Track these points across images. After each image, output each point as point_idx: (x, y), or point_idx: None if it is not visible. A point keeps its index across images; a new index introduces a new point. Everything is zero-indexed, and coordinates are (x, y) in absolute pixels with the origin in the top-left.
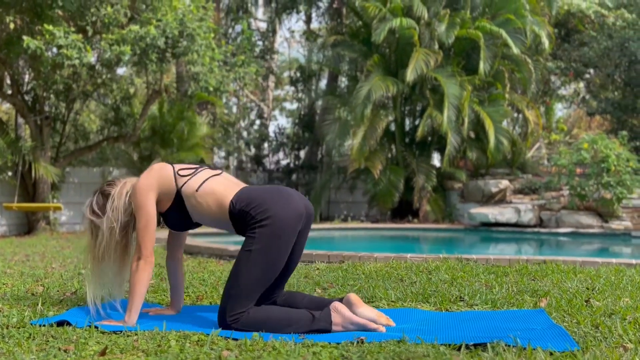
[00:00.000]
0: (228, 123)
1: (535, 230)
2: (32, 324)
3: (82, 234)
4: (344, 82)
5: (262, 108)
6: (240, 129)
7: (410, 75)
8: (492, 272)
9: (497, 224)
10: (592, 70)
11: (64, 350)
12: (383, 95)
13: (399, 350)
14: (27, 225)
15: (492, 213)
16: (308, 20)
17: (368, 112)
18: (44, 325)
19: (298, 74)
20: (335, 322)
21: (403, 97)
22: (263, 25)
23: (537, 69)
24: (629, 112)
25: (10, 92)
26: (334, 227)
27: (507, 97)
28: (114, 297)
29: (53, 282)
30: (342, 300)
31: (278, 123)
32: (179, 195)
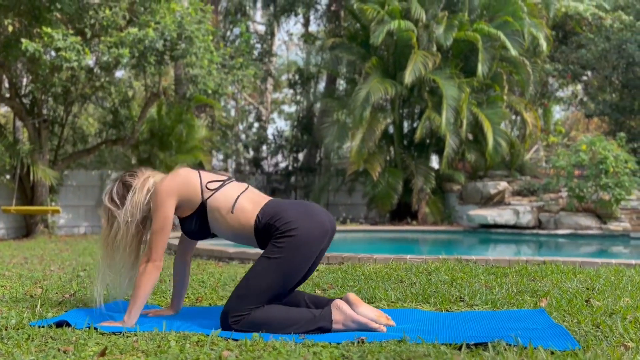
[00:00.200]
0: (226, 126)
1: (534, 232)
2: (31, 325)
3: (80, 237)
4: (343, 84)
5: (260, 111)
6: (239, 132)
7: (409, 78)
8: (491, 272)
9: (495, 226)
10: (589, 72)
11: (63, 351)
12: (381, 98)
13: (400, 350)
14: (25, 229)
15: (490, 215)
16: (306, 23)
17: (367, 114)
18: (43, 327)
19: (296, 77)
20: (336, 319)
21: (401, 99)
22: (261, 28)
23: (535, 71)
24: (627, 113)
25: (9, 95)
26: None
27: (505, 99)
28: (117, 292)
29: (52, 284)
30: (341, 299)
31: (277, 126)
32: (203, 207)
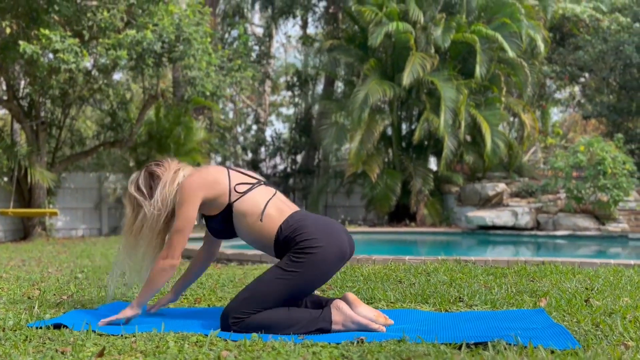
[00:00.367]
0: (225, 128)
1: (533, 233)
2: (28, 327)
3: (78, 240)
4: (341, 86)
5: (258, 113)
6: (237, 134)
7: (407, 79)
8: (490, 273)
9: (494, 227)
10: (587, 74)
11: (61, 352)
12: (380, 99)
13: (400, 350)
14: (23, 231)
15: (489, 216)
16: (304, 25)
17: (365, 116)
18: (41, 328)
19: (295, 79)
20: (336, 320)
21: (400, 101)
22: (259, 31)
23: (532, 73)
24: (624, 115)
25: (6, 97)
26: None
27: (503, 100)
28: (134, 279)
29: (49, 285)
30: (341, 299)
31: (275, 128)
32: (229, 209)
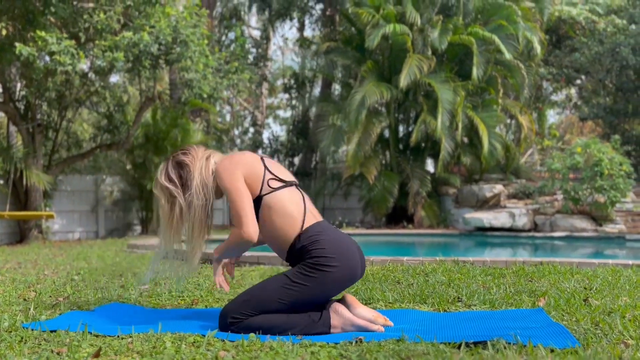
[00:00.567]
0: (222, 130)
1: (530, 235)
2: (24, 327)
3: (74, 242)
4: (338, 88)
5: (256, 115)
6: (234, 137)
7: (404, 81)
8: (489, 273)
9: (491, 229)
10: (583, 76)
11: (57, 353)
12: (377, 102)
13: (398, 349)
14: (19, 234)
15: (486, 218)
16: (301, 28)
17: (362, 118)
18: (37, 329)
19: (292, 81)
20: (335, 324)
21: (397, 103)
22: (256, 33)
23: (529, 75)
24: (621, 116)
25: (2, 99)
26: None
27: (500, 102)
28: (187, 271)
29: (45, 287)
30: (339, 302)
31: (272, 130)
32: (259, 201)
